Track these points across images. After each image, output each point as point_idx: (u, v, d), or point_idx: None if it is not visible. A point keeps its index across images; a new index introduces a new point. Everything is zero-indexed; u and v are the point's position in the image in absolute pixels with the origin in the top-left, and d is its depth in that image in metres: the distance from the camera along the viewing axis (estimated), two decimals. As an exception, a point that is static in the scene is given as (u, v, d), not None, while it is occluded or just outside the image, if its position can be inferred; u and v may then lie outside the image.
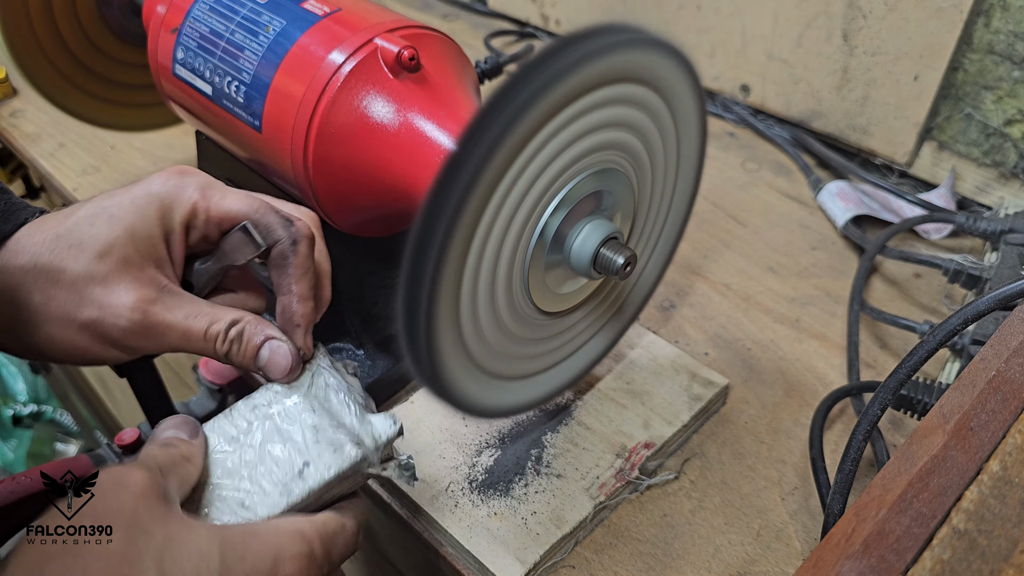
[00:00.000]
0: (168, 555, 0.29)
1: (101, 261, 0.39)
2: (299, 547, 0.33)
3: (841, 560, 0.28)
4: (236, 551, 0.31)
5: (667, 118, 0.43)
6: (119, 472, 0.31)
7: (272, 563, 0.32)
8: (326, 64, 0.47)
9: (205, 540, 0.31)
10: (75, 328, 0.38)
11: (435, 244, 0.34)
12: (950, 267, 0.60)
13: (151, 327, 0.38)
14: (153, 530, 0.30)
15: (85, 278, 0.38)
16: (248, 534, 0.32)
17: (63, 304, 0.38)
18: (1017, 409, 0.33)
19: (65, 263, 0.39)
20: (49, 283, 0.39)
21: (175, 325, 0.39)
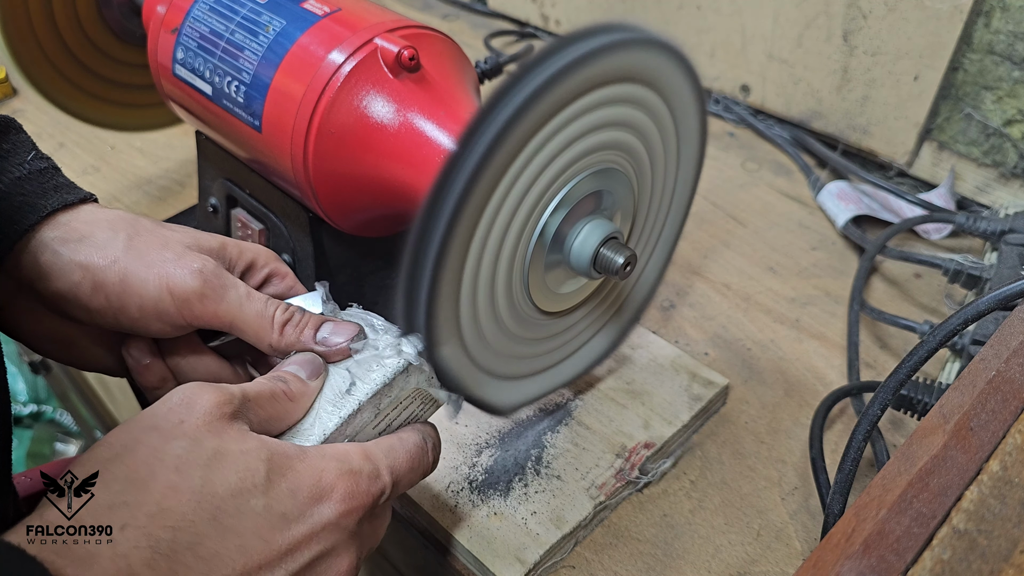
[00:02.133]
0: (216, 465, 0.30)
1: (179, 232, 0.42)
2: (342, 465, 0.33)
3: (841, 560, 0.28)
4: (281, 468, 0.32)
5: (667, 118, 0.43)
6: (192, 391, 0.33)
7: (316, 479, 0.32)
8: (326, 64, 0.47)
9: (255, 455, 0.31)
10: (149, 268, 0.39)
11: (435, 244, 0.34)
12: (950, 267, 0.60)
13: (216, 282, 0.39)
14: (205, 442, 0.31)
15: (166, 236, 0.41)
16: (296, 454, 0.33)
17: (147, 242, 0.40)
18: (1017, 409, 0.33)
19: (145, 221, 0.42)
20: (135, 226, 0.41)
21: (239, 287, 0.40)
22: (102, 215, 0.41)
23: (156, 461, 0.30)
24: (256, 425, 0.34)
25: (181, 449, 0.30)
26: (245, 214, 0.61)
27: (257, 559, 0.30)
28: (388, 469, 0.35)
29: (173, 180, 0.80)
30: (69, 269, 0.39)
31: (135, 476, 0.29)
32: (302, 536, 0.32)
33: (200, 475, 0.30)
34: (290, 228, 0.57)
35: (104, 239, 0.40)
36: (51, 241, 0.39)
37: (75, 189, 0.42)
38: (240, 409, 0.33)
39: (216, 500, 0.30)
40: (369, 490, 0.34)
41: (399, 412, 0.39)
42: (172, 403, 0.32)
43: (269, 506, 0.31)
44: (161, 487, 0.29)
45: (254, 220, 0.60)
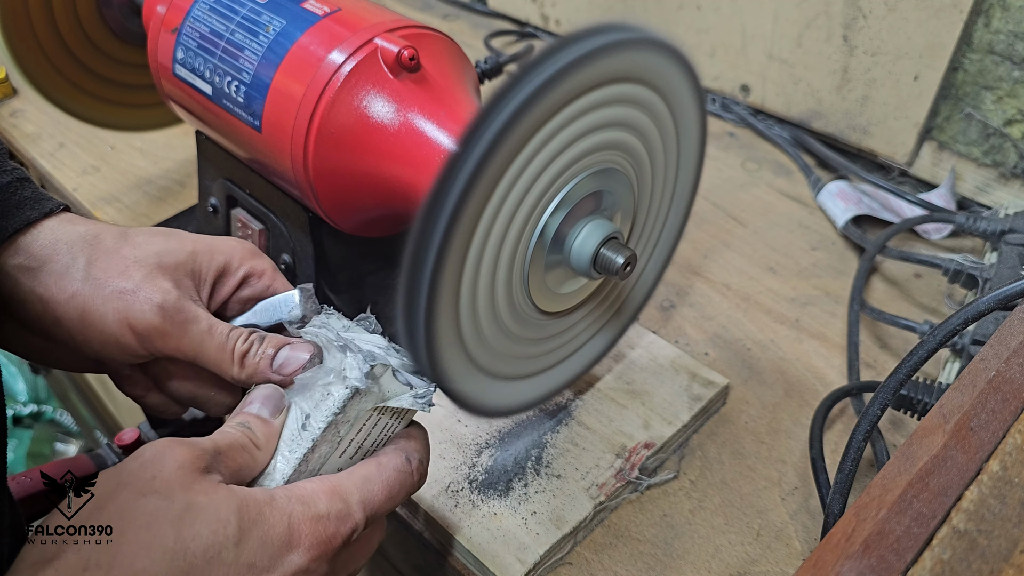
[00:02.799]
0: (188, 520, 0.30)
1: (142, 250, 0.40)
2: (310, 510, 0.33)
3: (841, 560, 0.28)
4: (251, 518, 0.32)
5: (667, 118, 0.43)
6: (164, 446, 0.32)
7: (286, 527, 0.32)
8: (326, 64, 0.47)
9: (225, 507, 0.31)
10: (107, 302, 0.38)
11: (435, 244, 0.34)
12: (950, 267, 0.60)
13: (177, 317, 0.39)
14: (176, 497, 0.31)
15: (127, 258, 0.39)
16: (266, 500, 0.33)
17: (105, 270, 0.39)
18: (1017, 409, 0.33)
19: (107, 239, 0.40)
20: (95, 248, 0.40)
21: (199, 321, 0.39)
22: (63, 234, 0.40)
23: (128, 519, 0.30)
24: (228, 477, 0.34)
25: (152, 506, 0.30)
26: (245, 214, 0.61)
27: None
28: (360, 504, 0.35)
29: (173, 180, 0.80)
30: (30, 300, 0.39)
31: (102, 538, 0.29)
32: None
33: (173, 532, 0.30)
34: (290, 228, 0.57)
35: (62, 266, 0.39)
36: (12, 269, 0.39)
37: (40, 202, 0.41)
38: (211, 464, 0.33)
39: (189, 557, 0.30)
40: (338, 531, 0.34)
41: (367, 433, 0.38)
42: (144, 459, 0.32)
43: (239, 557, 0.31)
44: (133, 547, 0.29)
45: (254, 220, 0.60)
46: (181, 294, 0.39)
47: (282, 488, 0.34)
